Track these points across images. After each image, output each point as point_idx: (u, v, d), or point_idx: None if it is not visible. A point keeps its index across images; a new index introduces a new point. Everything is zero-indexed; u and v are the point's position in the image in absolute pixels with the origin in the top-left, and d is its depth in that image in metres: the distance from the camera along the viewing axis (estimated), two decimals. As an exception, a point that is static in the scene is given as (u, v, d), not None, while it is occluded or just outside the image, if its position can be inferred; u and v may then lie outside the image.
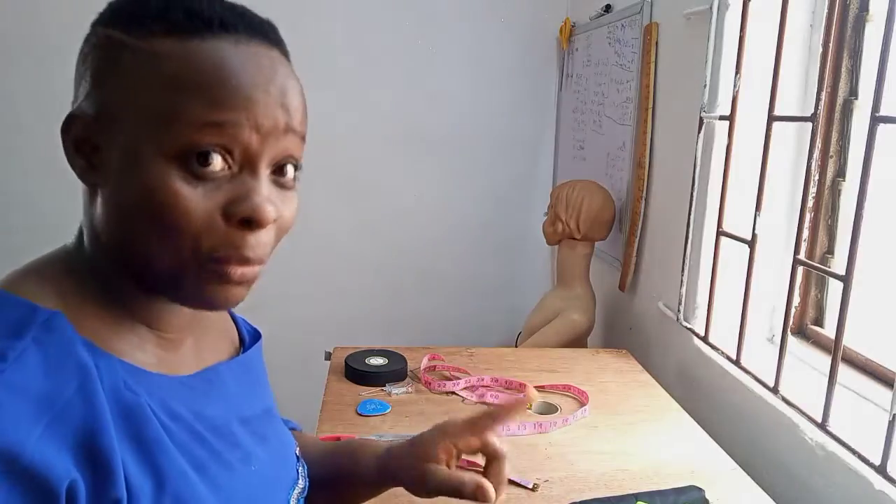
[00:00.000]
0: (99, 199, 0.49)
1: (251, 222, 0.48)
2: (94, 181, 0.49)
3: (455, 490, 0.66)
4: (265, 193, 0.49)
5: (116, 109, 0.47)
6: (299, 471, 0.68)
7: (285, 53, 0.52)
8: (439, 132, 2.31)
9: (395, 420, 1.11)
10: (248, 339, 0.67)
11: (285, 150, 0.50)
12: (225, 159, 0.47)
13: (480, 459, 0.67)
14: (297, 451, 0.69)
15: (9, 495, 0.39)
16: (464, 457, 0.69)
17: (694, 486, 0.91)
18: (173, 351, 0.55)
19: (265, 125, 0.48)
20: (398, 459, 0.71)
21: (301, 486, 0.67)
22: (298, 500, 0.66)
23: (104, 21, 0.49)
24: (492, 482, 0.65)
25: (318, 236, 2.24)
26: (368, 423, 1.09)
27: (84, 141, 0.49)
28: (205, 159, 0.46)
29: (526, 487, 0.91)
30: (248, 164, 0.48)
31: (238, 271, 0.49)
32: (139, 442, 0.47)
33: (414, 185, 2.34)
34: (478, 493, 0.64)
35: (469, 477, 0.66)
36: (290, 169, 0.51)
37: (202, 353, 0.59)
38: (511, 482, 0.93)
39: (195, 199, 0.46)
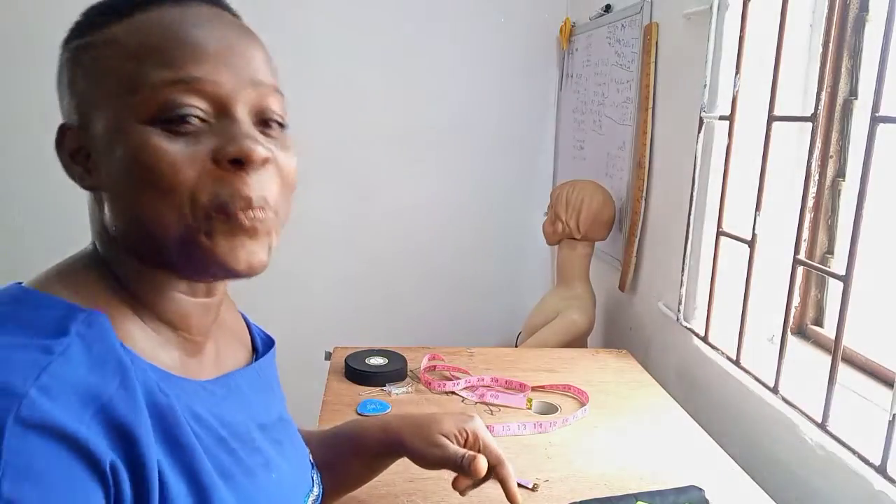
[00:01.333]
0: (103, 200, 0.51)
1: (241, 161, 0.48)
2: (95, 184, 0.50)
3: (455, 462, 0.72)
4: (248, 133, 0.49)
5: (92, 102, 0.49)
6: (314, 477, 0.69)
7: (235, 15, 0.54)
8: (439, 132, 2.31)
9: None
10: (262, 346, 0.68)
11: (259, 101, 0.51)
12: (199, 114, 0.48)
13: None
14: (311, 458, 0.70)
15: (69, 468, 0.40)
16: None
17: (694, 486, 0.91)
18: (195, 355, 0.56)
19: (226, 75, 0.49)
20: (408, 421, 0.76)
21: (316, 493, 0.68)
22: None
23: (67, 40, 0.52)
24: (504, 489, 0.73)
25: (316, 236, 2.25)
26: (368, 423, 1.09)
27: (77, 151, 0.50)
28: (179, 115, 0.47)
29: (526, 487, 0.91)
30: (223, 114, 0.49)
31: (248, 215, 0.48)
32: (173, 445, 0.47)
33: (414, 185, 2.34)
34: (473, 465, 0.71)
35: (470, 453, 0.72)
36: (274, 125, 0.52)
37: (221, 359, 0.60)
38: (511, 482, 0.93)
39: (180, 152, 0.47)
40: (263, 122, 0.51)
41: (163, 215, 0.47)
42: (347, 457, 0.81)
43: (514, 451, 1.02)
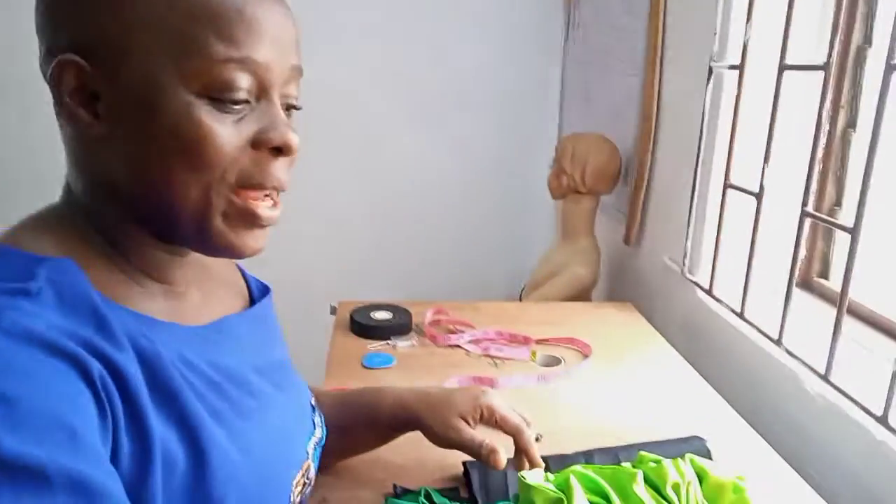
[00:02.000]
0: (107, 150, 0.48)
1: (281, 149, 0.49)
2: (104, 134, 0.47)
3: (472, 448, 0.73)
4: (285, 120, 0.50)
5: (122, 46, 0.45)
6: (315, 420, 0.69)
7: None
8: (443, 85, 2.28)
9: (400, 373, 1.12)
10: (258, 294, 0.68)
11: (288, 84, 0.51)
12: (247, 96, 0.48)
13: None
14: (313, 400, 0.70)
15: (54, 367, 0.40)
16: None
17: (696, 437, 0.92)
18: (182, 302, 0.55)
19: (278, 59, 0.49)
20: (424, 400, 0.77)
21: (318, 436, 0.68)
22: (315, 448, 0.66)
23: None
24: (526, 456, 0.74)
25: (321, 192, 2.24)
26: (374, 377, 1.10)
27: (80, 89, 0.46)
28: (232, 97, 0.47)
29: (530, 438, 0.93)
30: (264, 96, 0.49)
31: (272, 197, 0.51)
32: (160, 391, 0.47)
33: (418, 139, 2.31)
34: (490, 459, 0.72)
35: (488, 442, 0.73)
36: (292, 111, 0.53)
37: (211, 306, 0.59)
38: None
39: (225, 132, 0.47)
40: (286, 105, 0.52)
41: (189, 189, 0.47)
42: (360, 425, 0.81)
43: (518, 403, 1.03)
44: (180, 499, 0.46)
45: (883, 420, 0.89)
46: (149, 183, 0.48)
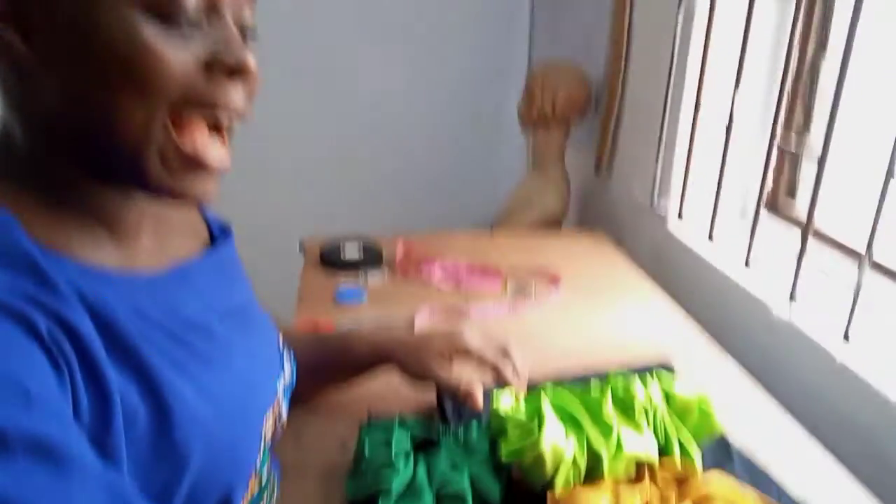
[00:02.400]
0: (37, 83, 0.43)
1: (237, 71, 0.46)
2: (34, 62, 0.43)
3: (450, 389, 0.74)
4: (241, 41, 0.46)
5: None
6: (284, 361, 0.68)
7: None
8: (409, 13, 2.20)
9: (372, 308, 1.12)
10: (219, 234, 0.65)
11: (245, 11, 0.48)
12: (196, 15, 0.44)
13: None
14: (281, 342, 0.69)
15: None
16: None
17: (664, 363, 0.94)
18: (133, 249, 0.52)
19: None
20: (400, 343, 0.77)
21: (287, 377, 0.67)
22: (286, 389, 0.66)
23: None
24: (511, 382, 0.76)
25: (286, 124, 2.18)
26: (346, 313, 1.10)
27: (11, 15, 0.42)
28: (180, 12, 0.43)
29: (501, 367, 0.94)
30: (215, 16, 0.45)
31: (212, 150, 0.47)
32: (116, 346, 0.44)
33: (385, 70, 2.25)
34: (469, 401, 0.73)
35: (465, 382, 0.74)
36: (248, 40, 0.49)
37: (167, 251, 0.56)
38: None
39: (173, 52, 0.43)
40: (241, 29, 0.48)
41: (133, 116, 0.43)
42: (333, 369, 0.81)
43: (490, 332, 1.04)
44: (146, 451, 0.45)
45: (843, 341, 0.92)
46: (87, 115, 0.44)
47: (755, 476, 0.73)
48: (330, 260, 1.25)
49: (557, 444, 0.62)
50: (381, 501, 0.62)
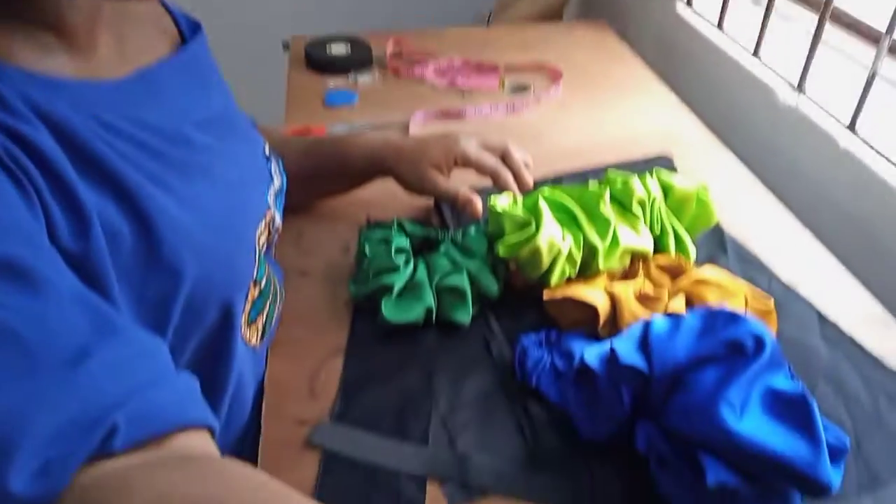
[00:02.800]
0: None
1: None
2: None
3: (448, 199, 0.74)
4: None
5: None
6: (272, 169, 0.65)
7: None
8: None
9: (363, 110, 1.08)
10: (189, 32, 0.59)
11: None
12: None
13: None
14: (267, 150, 0.66)
15: None
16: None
17: (663, 157, 0.92)
18: (90, 53, 0.47)
19: None
20: (396, 153, 0.75)
21: (277, 184, 0.65)
22: (277, 197, 0.64)
23: None
24: (512, 172, 0.75)
25: None
26: (337, 115, 1.06)
27: None
28: None
29: (499, 167, 0.92)
30: None
31: None
32: (84, 161, 0.41)
33: None
34: (468, 208, 0.72)
35: (463, 191, 0.72)
36: None
37: (130, 54, 0.51)
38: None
39: None
40: None
41: None
42: (327, 175, 0.79)
43: (487, 133, 1.02)
44: (136, 269, 0.44)
45: (850, 127, 0.89)
46: None
47: (747, 264, 0.75)
48: (316, 60, 1.18)
49: (554, 239, 0.62)
50: (383, 300, 0.64)
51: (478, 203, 0.72)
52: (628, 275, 0.68)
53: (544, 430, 0.57)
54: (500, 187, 0.75)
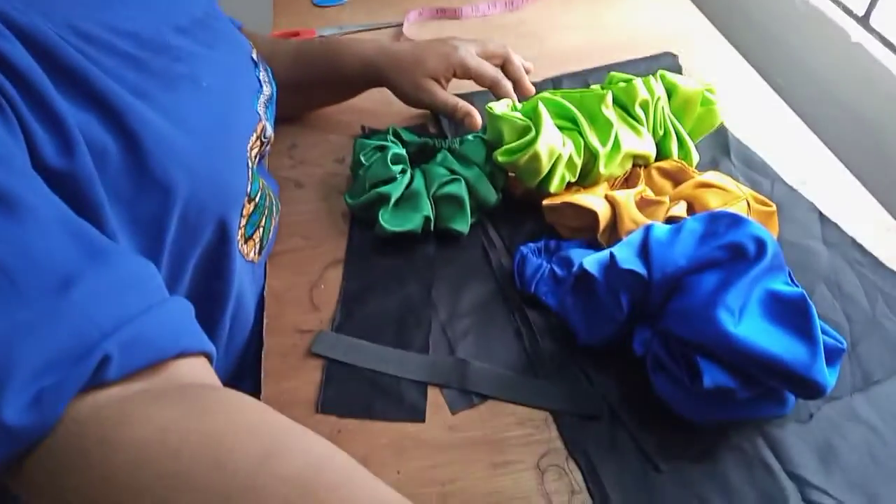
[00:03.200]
0: None
1: None
2: None
3: (446, 111, 0.72)
4: None
5: None
6: (261, 76, 0.62)
7: None
8: None
9: (354, 10, 1.03)
10: None
11: None
12: None
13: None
14: (254, 55, 0.63)
15: None
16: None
17: (668, 53, 0.89)
18: None
19: None
20: (391, 62, 0.72)
21: (267, 93, 0.63)
22: (267, 106, 0.62)
23: None
24: (513, 80, 0.73)
25: None
26: (326, 16, 1.02)
27: None
28: None
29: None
30: None
31: None
32: (60, 72, 0.39)
33: None
34: (467, 121, 0.71)
35: (462, 104, 0.71)
36: None
37: None
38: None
39: None
40: None
41: None
42: (318, 83, 0.76)
43: (484, 32, 0.97)
44: (126, 187, 0.42)
45: (864, 20, 0.85)
46: None
47: (751, 165, 0.74)
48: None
49: (553, 144, 0.61)
50: (380, 210, 0.63)
51: (476, 116, 0.70)
52: (629, 180, 0.66)
53: (542, 336, 0.57)
54: (499, 95, 0.72)
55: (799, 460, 0.49)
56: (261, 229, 0.60)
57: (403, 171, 0.65)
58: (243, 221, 0.55)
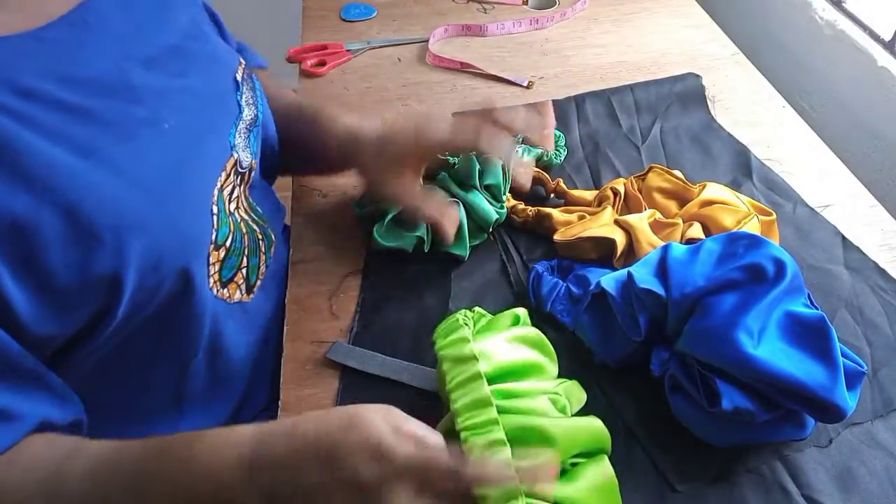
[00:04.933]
0: None
1: None
2: None
3: (411, 212, 0.60)
4: None
5: None
6: (242, 99, 0.57)
7: None
8: None
9: (382, 24, 1.04)
10: None
11: None
12: None
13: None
14: (239, 75, 0.58)
15: None
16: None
17: (692, 74, 0.89)
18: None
19: None
20: (364, 150, 0.62)
21: (249, 117, 0.57)
22: (249, 132, 0.57)
23: None
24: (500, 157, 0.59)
25: None
26: (354, 30, 1.03)
27: None
28: None
29: (521, 85, 0.90)
30: None
31: None
32: None
33: None
34: (438, 231, 0.60)
35: (430, 213, 0.59)
36: None
37: None
38: (505, 80, 0.91)
39: None
40: None
41: None
42: (307, 149, 0.67)
43: (509, 49, 0.98)
44: (73, 255, 0.40)
45: (889, 45, 0.85)
46: None
47: (773, 187, 0.73)
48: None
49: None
50: (375, 226, 0.63)
51: (448, 227, 0.60)
52: (628, 202, 0.66)
53: (560, 353, 0.57)
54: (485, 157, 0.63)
55: (817, 485, 0.49)
56: (244, 270, 0.56)
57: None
58: (214, 269, 0.52)
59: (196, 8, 0.56)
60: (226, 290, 0.54)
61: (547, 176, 0.70)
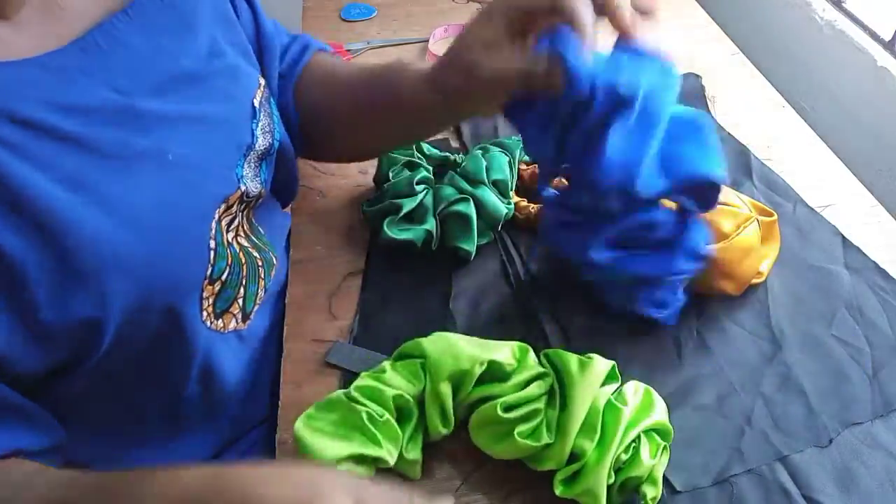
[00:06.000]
0: None
1: None
2: None
3: (526, 75, 0.49)
4: None
5: None
6: (257, 128, 0.54)
7: None
8: None
9: (381, 24, 1.05)
10: None
11: None
12: None
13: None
14: (257, 101, 0.55)
15: None
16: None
17: (691, 74, 0.89)
18: (6, 23, 0.39)
19: None
20: (452, 55, 0.52)
21: (262, 147, 0.55)
22: (262, 162, 0.56)
23: None
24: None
25: None
26: (354, 30, 1.03)
27: None
28: None
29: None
30: None
31: None
32: None
33: None
34: (552, 80, 0.49)
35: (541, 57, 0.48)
36: None
37: (68, 13, 0.42)
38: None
39: None
40: None
41: None
42: (381, 107, 0.60)
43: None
44: (57, 292, 0.39)
45: (889, 45, 0.85)
46: None
47: (773, 187, 0.73)
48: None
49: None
50: (385, 222, 0.63)
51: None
52: None
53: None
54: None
55: (817, 485, 0.49)
56: (240, 300, 0.55)
57: (425, 194, 0.65)
58: (208, 303, 0.50)
59: (213, 36, 0.51)
60: (220, 322, 0.53)
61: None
